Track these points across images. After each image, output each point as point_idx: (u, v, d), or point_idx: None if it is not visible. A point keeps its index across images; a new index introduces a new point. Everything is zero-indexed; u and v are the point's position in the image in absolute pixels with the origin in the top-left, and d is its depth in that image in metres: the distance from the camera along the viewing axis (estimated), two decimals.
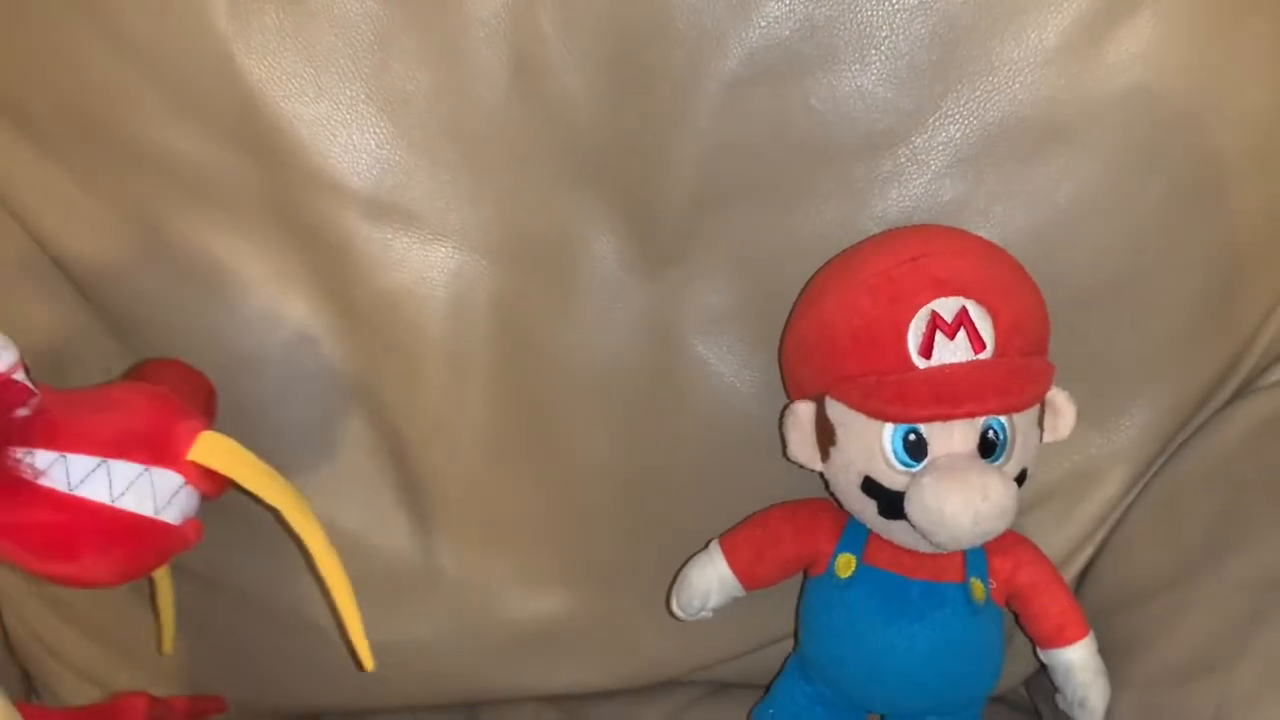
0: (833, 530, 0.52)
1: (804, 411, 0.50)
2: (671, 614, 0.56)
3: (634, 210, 0.53)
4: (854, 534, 0.51)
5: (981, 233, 0.51)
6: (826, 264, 0.51)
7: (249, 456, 0.43)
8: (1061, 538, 0.57)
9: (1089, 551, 0.58)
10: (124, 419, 0.42)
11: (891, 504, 0.47)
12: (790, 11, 0.49)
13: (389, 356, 0.55)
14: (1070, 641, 0.51)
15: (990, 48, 0.50)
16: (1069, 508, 0.57)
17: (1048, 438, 0.50)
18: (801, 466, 0.52)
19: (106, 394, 0.44)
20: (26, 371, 0.40)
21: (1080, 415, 0.51)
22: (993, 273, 0.48)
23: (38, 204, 0.55)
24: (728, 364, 0.56)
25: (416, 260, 0.54)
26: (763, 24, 0.49)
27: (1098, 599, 0.56)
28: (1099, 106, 0.50)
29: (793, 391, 0.53)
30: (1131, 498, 0.57)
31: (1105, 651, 0.52)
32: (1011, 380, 0.45)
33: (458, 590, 0.59)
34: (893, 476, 0.47)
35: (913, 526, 0.47)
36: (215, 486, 0.44)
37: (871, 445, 0.47)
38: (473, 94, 0.51)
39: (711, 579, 0.54)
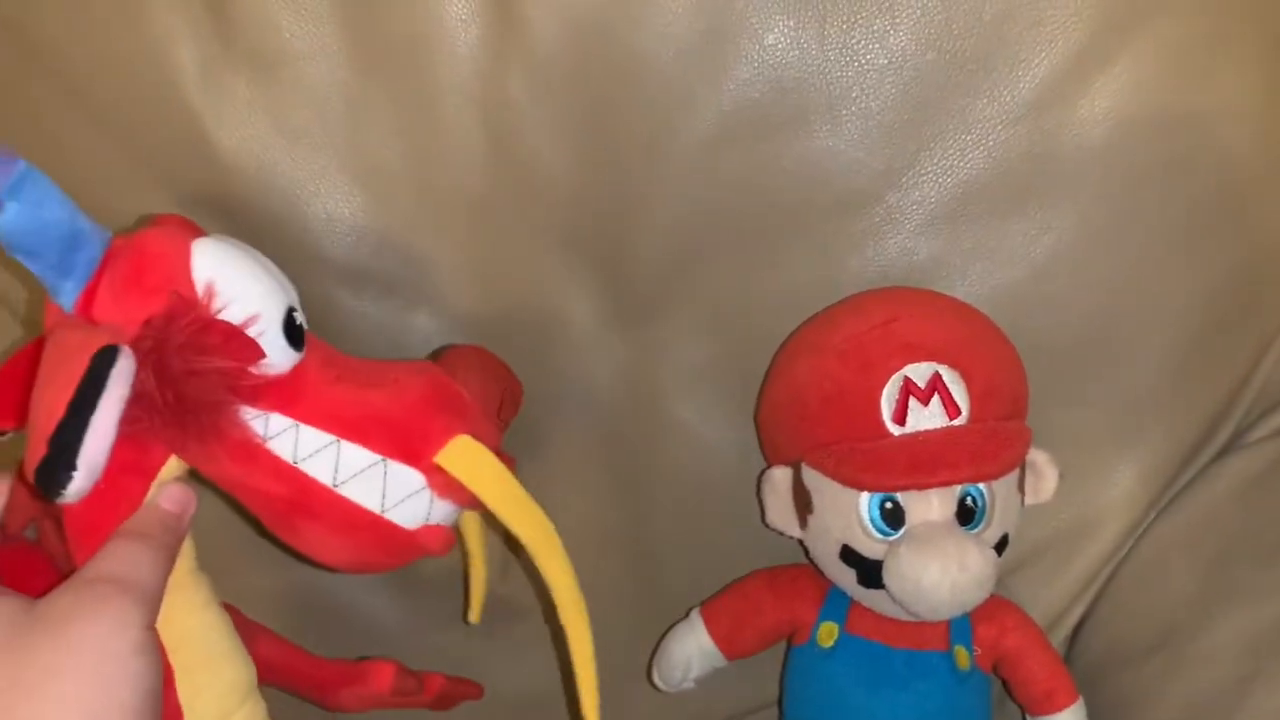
0: (815, 598, 0.51)
1: (781, 478, 0.50)
2: (653, 685, 0.55)
3: (609, 271, 0.54)
4: (836, 602, 0.51)
5: (958, 291, 0.51)
6: (798, 329, 0.51)
7: (502, 474, 0.39)
8: (1051, 598, 0.56)
9: (1079, 611, 0.56)
10: (384, 401, 0.38)
11: (870, 573, 0.47)
12: (760, 74, 0.49)
13: None
14: (1060, 708, 0.50)
15: (963, 105, 0.50)
16: (1058, 567, 0.56)
17: (1030, 500, 0.49)
18: (781, 533, 0.51)
19: (385, 370, 0.40)
20: (292, 329, 0.37)
21: (1066, 474, 0.50)
22: (966, 336, 0.47)
23: (11, 275, 0.55)
24: (706, 423, 0.56)
25: (394, 327, 0.54)
26: (732, 86, 0.50)
27: (1088, 660, 0.55)
28: (1074, 162, 0.50)
29: (770, 456, 0.52)
30: (1120, 557, 0.56)
31: (1096, 715, 0.51)
32: (987, 446, 0.45)
33: (438, 653, 0.58)
34: (870, 545, 0.46)
35: (890, 596, 0.46)
36: (467, 498, 0.39)
37: (848, 513, 0.46)
38: (446, 161, 0.52)
39: (692, 649, 0.53)
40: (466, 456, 0.38)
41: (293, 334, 0.37)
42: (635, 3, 0.48)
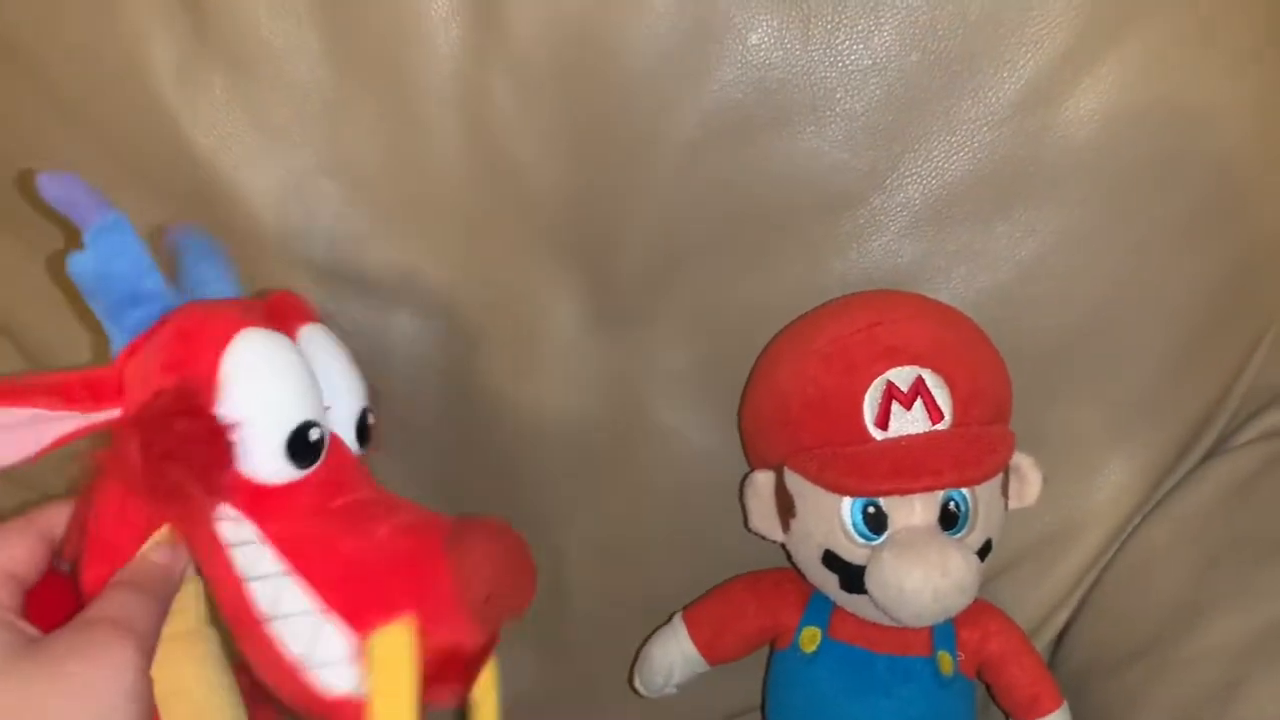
0: (797, 603, 0.51)
1: (763, 481, 0.50)
2: (635, 691, 0.55)
3: (592, 273, 0.53)
4: (819, 607, 0.50)
5: (943, 294, 0.51)
6: (781, 332, 0.51)
7: (400, 685, 0.34)
8: (1036, 601, 0.56)
9: (1065, 615, 0.56)
10: (351, 551, 0.35)
11: (852, 578, 0.46)
12: (743, 75, 0.49)
13: None
14: (1045, 713, 0.50)
15: (948, 107, 0.49)
16: (1044, 570, 0.56)
17: (1014, 504, 0.49)
18: (764, 538, 0.51)
19: (381, 517, 0.36)
20: (299, 445, 0.36)
21: (1051, 477, 0.50)
22: (950, 340, 0.47)
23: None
24: (689, 426, 0.55)
25: (375, 327, 0.54)
26: (716, 87, 0.49)
27: (1073, 666, 0.54)
28: (1059, 164, 0.50)
29: (753, 460, 0.52)
30: (1105, 561, 0.56)
31: None
32: (970, 451, 0.44)
33: None
34: (853, 550, 0.46)
35: (873, 601, 0.46)
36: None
37: (830, 518, 0.46)
38: (427, 161, 0.51)
39: (674, 654, 0.53)
40: (389, 647, 0.34)
41: (298, 450, 0.36)
42: (617, 2, 0.48)
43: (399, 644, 0.33)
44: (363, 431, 0.39)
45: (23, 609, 0.35)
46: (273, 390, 0.36)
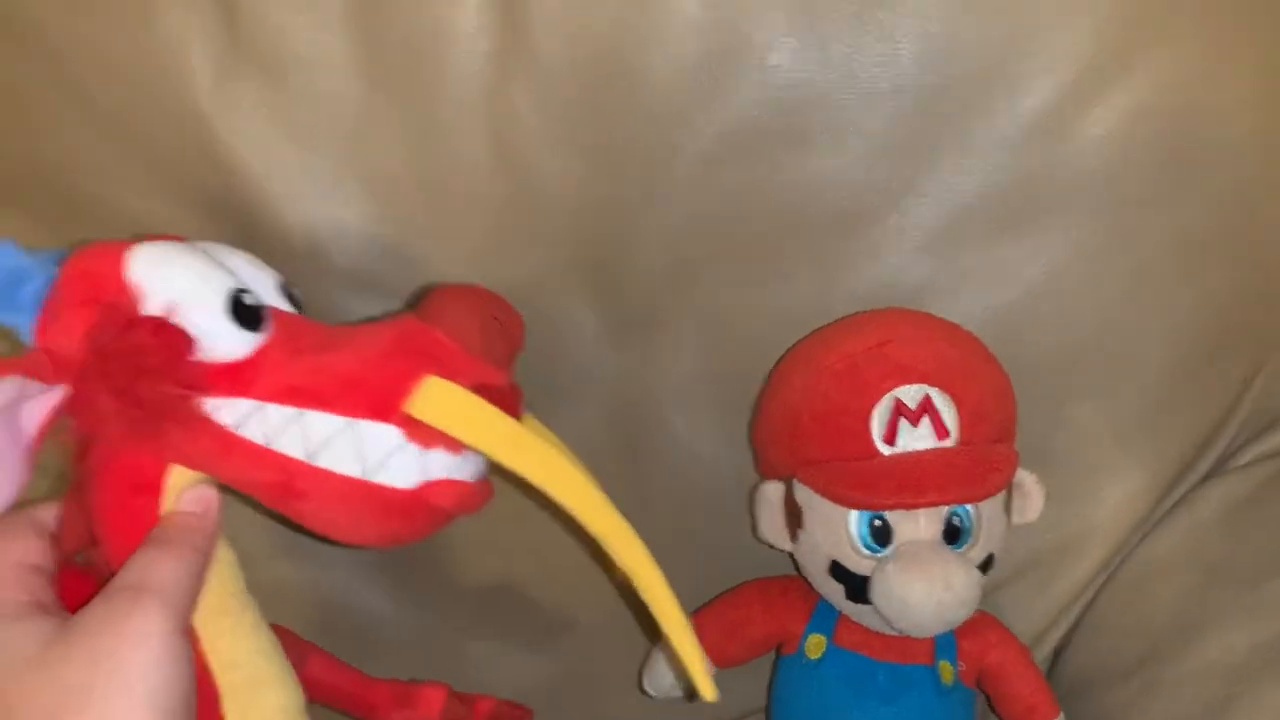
0: (804, 610, 0.52)
1: (773, 492, 0.51)
2: (643, 691, 0.56)
3: (609, 283, 0.54)
4: (825, 615, 0.51)
5: (953, 311, 0.52)
6: (794, 346, 0.52)
7: (480, 411, 0.35)
8: (1035, 614, 0.57)
9: (1063, 629, 0.57)
10: (343, 360, 0.36)
11: (858, 589, 0.48)
12: (761, 94, 0.50)
13: None
14: None
15: (961, 129, 0.50)
16: (1043, 584, 0.57)
17: (1016, 520, 0.50)
18: (771, 546, 0.52)
19: (352, 331, 0.38)
20: (240, 311, 0.36)
21: (1055, 493, 0.51)
22: (957, 359, 0.48)
23: None
24: (701, 436, 0.56)
25: None
26: (734, 105, 0.50)
27: (1071, 678, 0.56)
28: (1069, 186, 0.51)
29: (763, 471, 0.53)
30: (1105, 577, 0.57)
31: None
32: (974, 469, 0.46)
33: (435, 656, 0.60)
34: (859, 561, 0.47)
35: (877, 611, 0.47)
36: (457, 444, 0.36)
37: (838, 530, 0.47)
38: (451, 169, 0.52)
39: None
40: (438, 399, 0.35)
41: (242, 316, 0.36)
42: (641, 21, 0.49)
43: (443, 391, 0.35)
44: (293, 300, 0.39)
45: (55, 598, 0.36)
46: (186, 273, 0.36)
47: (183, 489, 0.37)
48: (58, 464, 0.38)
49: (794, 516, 0.50)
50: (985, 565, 0.48)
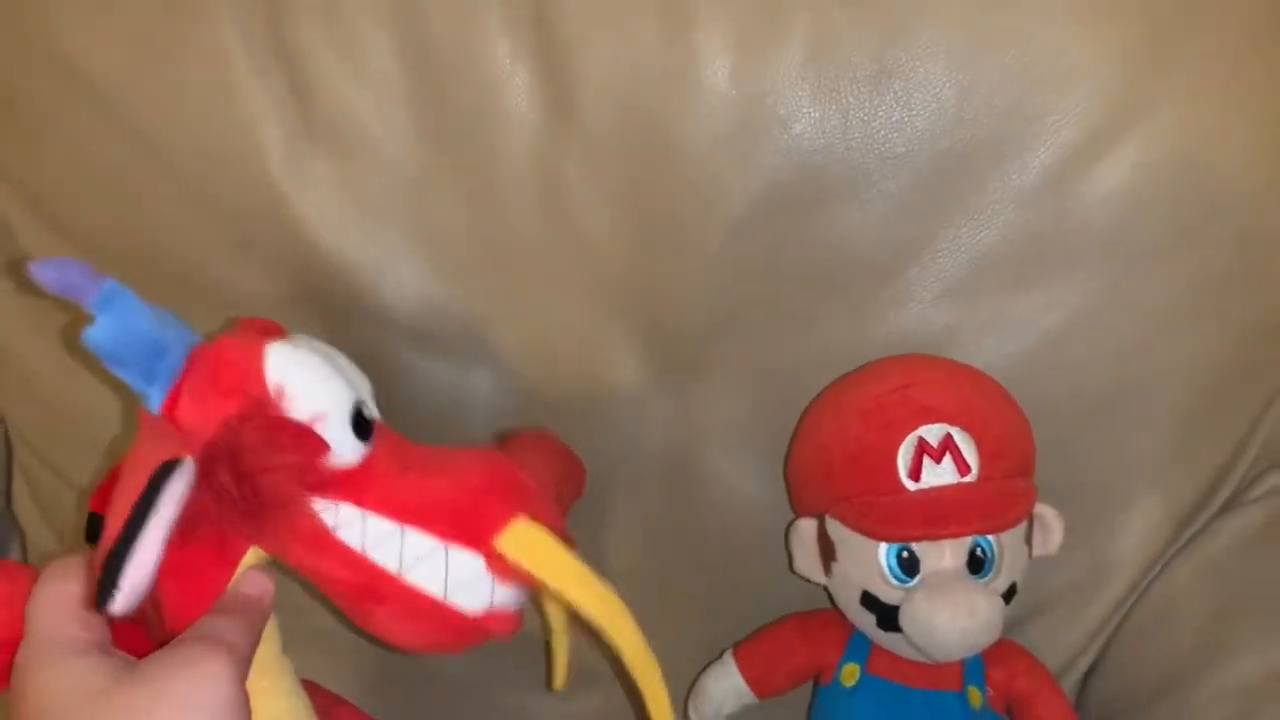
0: (840, 641, 0.54)
1: (807, 528, 0.53)
2: None
3: (653, 333, 0.57)
4: (858, 644, 0.54)
5: (973, 358, 0.54)
6: (824, 391, 0.55)
7: (560, 555, 0.38)
8: (1063, 645, 0.59)
9: (1091, 657, 0.59)
10: (446, 487, 0.39)
11: (888, 617, 0.50)
12: (788, 160, 0.52)
13: None
14: None
15: (976, 188, 0.53)
16: (1072, 615, 0.59)
17: (1038, 552, 0.52)
18: (807, 580, 0.54)
19: (448, 457, 0.41)
20: (359, 423, 0.39)
21: (1078, 527, 0.53)
22: (977, 400, 0.51)
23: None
24: (741, 476, 0.58)
25: (455, 384, 0.58)
26: (764, 170, 0.52)
27: (1099, 705, 0.57)
28: (1081, 238, 0.53)
29: (797, 508, 0.56)
30: (1129, 606, 0.58)
31: None
32: (994, 502, 0.48)
33: (484, 692, 0.63)
34: (888, 591, 0.50)
35: (906, 639, 0.49)
36: (529, 580, 0.39)
37: (868, 562, 0.50)
38: (505, 233, 0.55)
39: (726, 688, 0.57)
40: (525, 539, 0.38)
41: (360, 428, 0.39)
42: (678, 95, 0.52)
43: (531, 533, 0.38)
44: (359, 425, 0.40)
45: (112, 640, 0.37)
46: (322, 384, 0.38)
47: (247, 566, 0.39)
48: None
49: (827, 551, 0.52)
50: (1008, 595, 0.50)
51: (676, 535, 0.60)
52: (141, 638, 0.39)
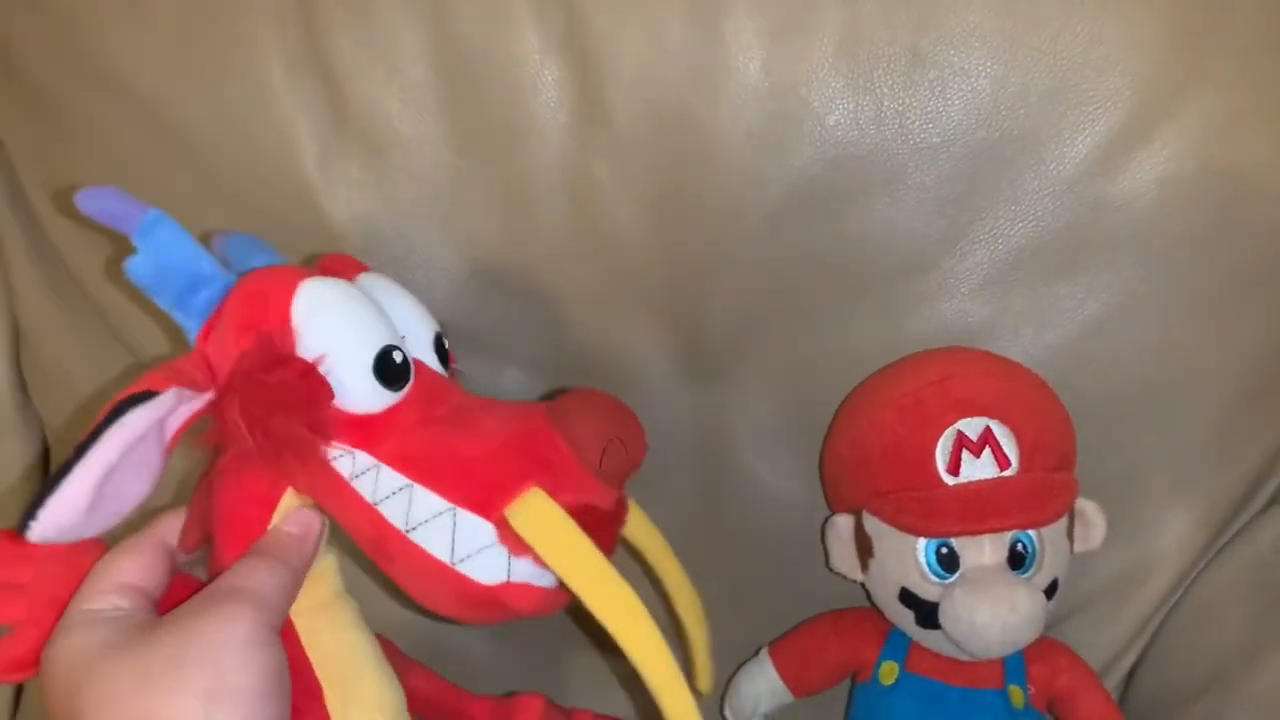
0: (877, 638, 0.54)
1: (844, 524, 0.53)
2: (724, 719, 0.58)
3: (684, 332, 0.57)
4: (897, 642, 0.53)
5: (1011, 351, 0.54)
6: (860, 385, 0.54)
7: (568, 536, 0.35)
8: (1105, 642, 0.58)
9: (1133, 656, 0.59)
10: (464, 445, 0.37)
11: (927, 614, 0.49)
12: (822, 153, 0.52)
13: None
14: None
15: (1011, 179, 0.52)
16: (1114, 612, 0.58)
17: (1079, 548, 0.52)
18: (844, 577, 0.54)
19: (481, 412, 0.39)
20: (386, 369, 0.37)
21: (1117, 523, 0.53)
22: (1016, 392, 0.50)
23: (149, 336, 0.60)
24: (773, 473, 0.58)
25: (487, 381, 0.58)
26: (797, 164, 0.52)
27: (1142, 702, 0.57)
28: (1117, 230, 0.53)
29: (833, 504, 0.56)
30: (1171, 604, 0.58)
31: None
32: (1034, 496, 0.48)
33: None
34: (927, 588, 0.49)
35: (946, 635, 0.49)
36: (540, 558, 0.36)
37: (906, 558, 0.50)
38: (535, 233, 0.55)
39: (761, 686, 0.56)
40: (535, 512, 0.35)
41: (388, 374, 0.37)
42: (709, 90, 0.52)
43: (540, 507, 0.35)
44: (441, 354, 0.40)
45: (153, 613, 0.37)
46: (346, 322, 0.37)
47: (291, 509, 0.39)
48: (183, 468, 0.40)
49: (864, 547, 0.52)
50: (1050, 590, 0.49)
51: (708, 533, 0.60)
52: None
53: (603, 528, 0.37)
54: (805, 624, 0.57)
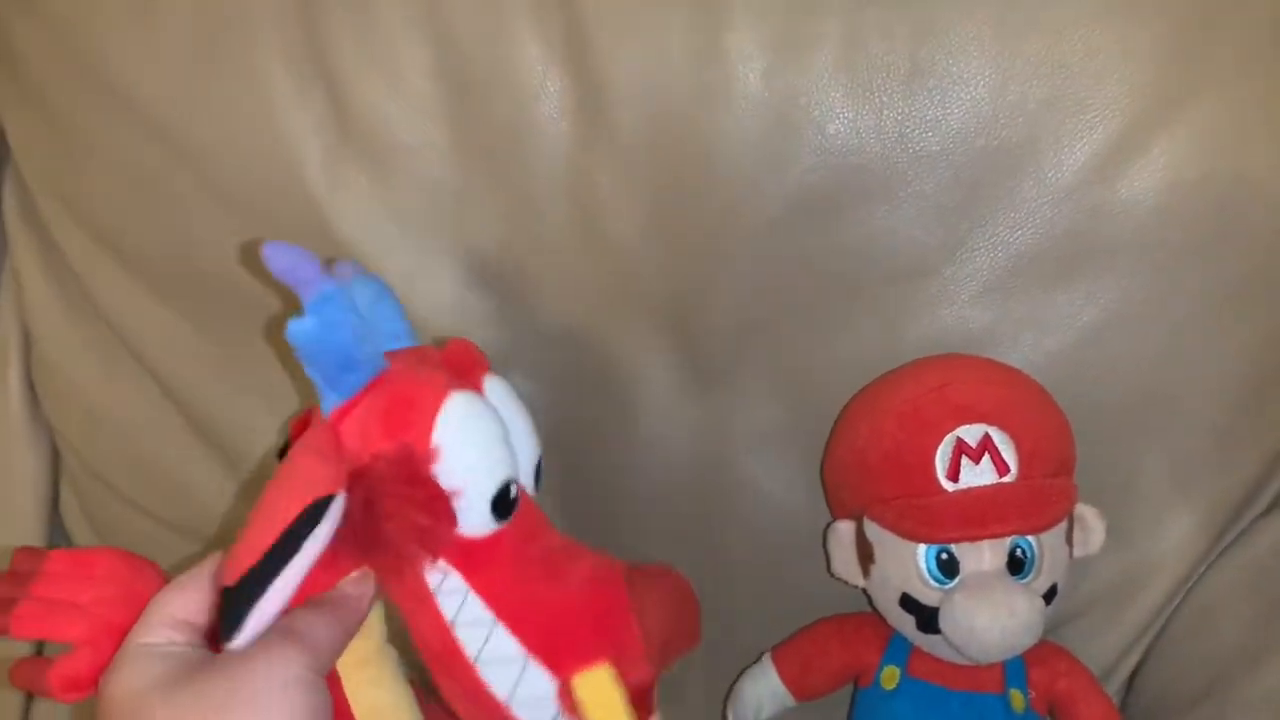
0: (878, 643, 0.54)
1: (845, 530, 0.53)
2: None
3: (685, 339, 0.57)
4: (898, 647, 0.54)
5: (1011, 357, 0.54)
6: (860, 391, 0.55)
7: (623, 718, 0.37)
8: (1106, 646, 0.58)
9: (1133, 660, 0.59)
10: (552, 599, 0.38)
11: (928, 619, 0.50)
12: (822, 161, 0.52)
13: None
14: None
15: (1010, 187, 0.52)
16: (1114, 616, 0.58)
17: (1078, 553, 0.52)
18: (845, 582, 0.54)
19: (572, 561, 0.40)
20: (502, 502, 0.38)
21: (1117, 528, 0.53)
22: (1014, 399, 0.50)
23: (157, 345, 0.61)
24: (774, 479, 0.59)
25: None
26: (797, 172, 0.52)
27: (1141, 707, 0.57)
28: (1116, 237, 0.52)
29: (835, 510, 0.56)
30: (1170, 609, 0.58)
31: None
32: (1033, 502, 0.48)
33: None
34: (927, 593, 0.50)
35: (946, 640, 0.49)
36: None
37: (907, 564, 0.50)
38: (538, 240, 0.55)
39: (764, 691, 0.57)
40: (598, 690, 0.37)
41: (500, 506, 0.39)
42: (710, 98, 0.52)
43: (607, 687, 0.37)
44: (538, 477, 0.42)
45: (205, 648, 0.38)
46: (483, 456, 0.38)
47: (357, 573, 0.40)
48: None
49: (865, 553, 0.52)
50: (1049, 595, 0.50)
51: (710, 540, 0.60)
52: None
53: (643, 703, 0.38)
54: (807, 628, 0.57)
